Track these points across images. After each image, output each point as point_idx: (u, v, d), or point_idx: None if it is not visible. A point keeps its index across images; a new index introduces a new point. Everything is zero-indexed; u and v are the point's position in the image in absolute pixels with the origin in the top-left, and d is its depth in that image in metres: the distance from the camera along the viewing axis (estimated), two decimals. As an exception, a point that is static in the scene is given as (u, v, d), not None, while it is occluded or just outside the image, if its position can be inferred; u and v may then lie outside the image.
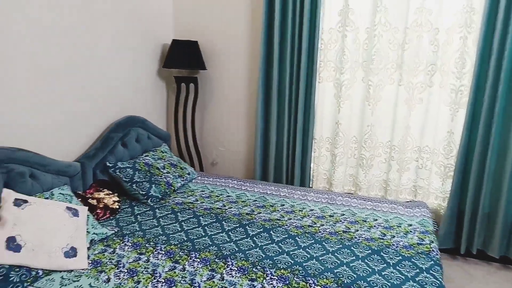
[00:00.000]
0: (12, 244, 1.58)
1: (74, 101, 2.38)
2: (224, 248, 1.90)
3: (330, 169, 3.14)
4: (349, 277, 1.68)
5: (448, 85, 2.72)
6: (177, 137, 3.39)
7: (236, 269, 1.72)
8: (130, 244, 1.91)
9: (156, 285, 1.59)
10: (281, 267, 1.75)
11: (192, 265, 1.74)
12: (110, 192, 2.38)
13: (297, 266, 1.76)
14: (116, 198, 2.36)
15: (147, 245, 1.91)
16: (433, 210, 2.92)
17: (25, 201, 1.77)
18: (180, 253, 1.84)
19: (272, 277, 1.67)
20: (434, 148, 2.84)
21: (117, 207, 2.32)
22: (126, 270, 1.69)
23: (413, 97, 2.80)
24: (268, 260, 1.81)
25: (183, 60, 3.13)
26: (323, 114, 3.08)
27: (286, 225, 2.18)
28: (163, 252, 1.85)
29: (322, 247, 1.94)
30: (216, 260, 1.79)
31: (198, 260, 1.79)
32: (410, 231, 2.14)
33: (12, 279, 1.52)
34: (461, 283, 2.57)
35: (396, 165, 2.93)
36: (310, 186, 3.20)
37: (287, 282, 1.63)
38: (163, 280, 1.62)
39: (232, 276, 1.66)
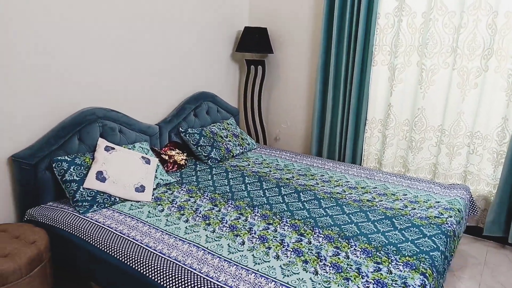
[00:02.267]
0: (100, 176, 2.19)
1: (158, 77, 2.97)
2: (256, 200, 2.29)
3: (381, 150, 3.28)
4: (352, 232, 1.93)
5: (505, 70, 2.65)
6: (245, 114, 3.85)
7: (259, 215, 2.10)
8: (185, 190, 2.43)
9: (195, 218, 2.06)
10: (297, 218, 2.07)
11: (227, 209, 2.17)
12: (180, 152, 2.93)
13: (311, 219, 2.07)
14: (184, 157, 2.90)
15: (197, 191, 2.40)
16: (483, 197, 2.89)
17: (113, 148, 2.38)
18: (220, 199, 2.29)
19: (286, 224, 2.01)
20: (486, 134, 2.80)
21: (184, 163, 2.86)
22: (176, 206, 2.19)
23: (467, 81, 2.79)
24: (288, 212, 2.15)
25: (253, 45, 3.54)
26: (376, 97, 3.21)
27: (317, 190, 2.47)
28: (208, 198, 2.31)
29: (341, 209, 2.20)
30: (246, 207, 2.19)
31: (232, 206, 2.21)
32: (434, 207, 2.26)
33: (98, 200, 2.13)
34: (501, 270, 2.56)
35: (446, 149, 2.96)
36: (361, 165, 3.38)
37: (296, 229, 1.96)
38: (201, 216, 2.08)
39: (254, 220, 2.05)
